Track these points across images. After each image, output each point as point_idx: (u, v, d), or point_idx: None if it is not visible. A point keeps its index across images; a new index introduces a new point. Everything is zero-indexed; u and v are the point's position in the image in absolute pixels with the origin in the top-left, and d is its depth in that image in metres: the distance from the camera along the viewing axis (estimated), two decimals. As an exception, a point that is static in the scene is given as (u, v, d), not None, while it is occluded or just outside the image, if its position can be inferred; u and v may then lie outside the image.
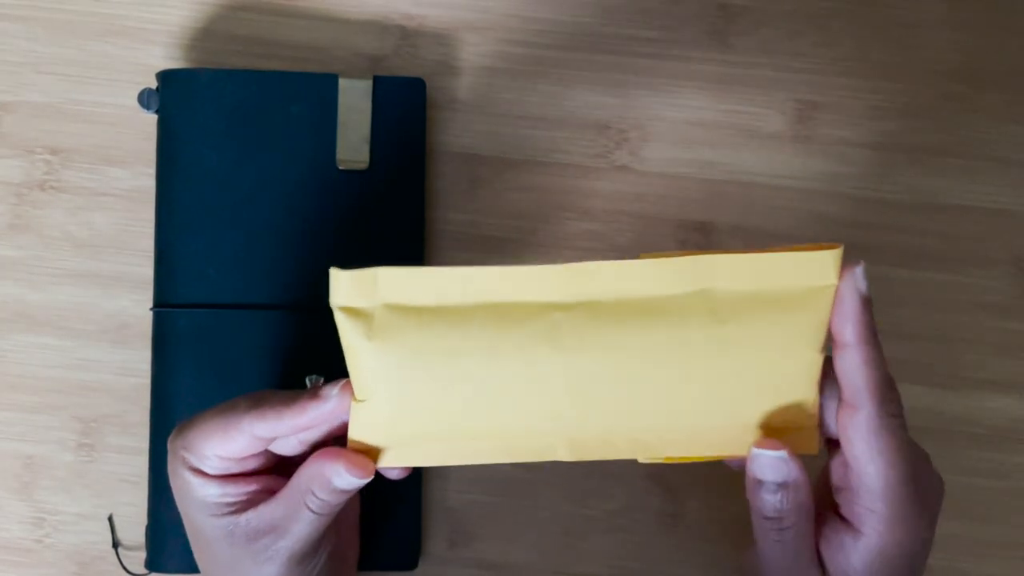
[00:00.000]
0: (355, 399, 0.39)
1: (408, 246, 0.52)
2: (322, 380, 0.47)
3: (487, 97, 0.54)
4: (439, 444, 0.39)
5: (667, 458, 0.40)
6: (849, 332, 0.38)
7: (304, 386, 0.47)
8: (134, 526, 0.52)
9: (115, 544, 0.52)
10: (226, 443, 0.40)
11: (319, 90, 0.52)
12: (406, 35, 0.55)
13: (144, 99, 0.51)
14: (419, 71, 0.54)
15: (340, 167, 0.51)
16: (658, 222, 0.54)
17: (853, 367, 0.38)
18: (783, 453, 0.39)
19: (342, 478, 0.39)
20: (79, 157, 0.54)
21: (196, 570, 0.49)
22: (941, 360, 0.53)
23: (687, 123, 0.54)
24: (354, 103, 0.52)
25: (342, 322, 0.38)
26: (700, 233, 0.54)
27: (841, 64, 0.55)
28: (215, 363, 0.50)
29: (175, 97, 0.51)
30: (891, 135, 0.54)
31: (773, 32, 0.55)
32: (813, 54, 0.55)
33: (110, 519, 0.52)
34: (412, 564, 0.51)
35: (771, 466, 0.39)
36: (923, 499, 0.39)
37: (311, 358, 0.50)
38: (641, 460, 0.40)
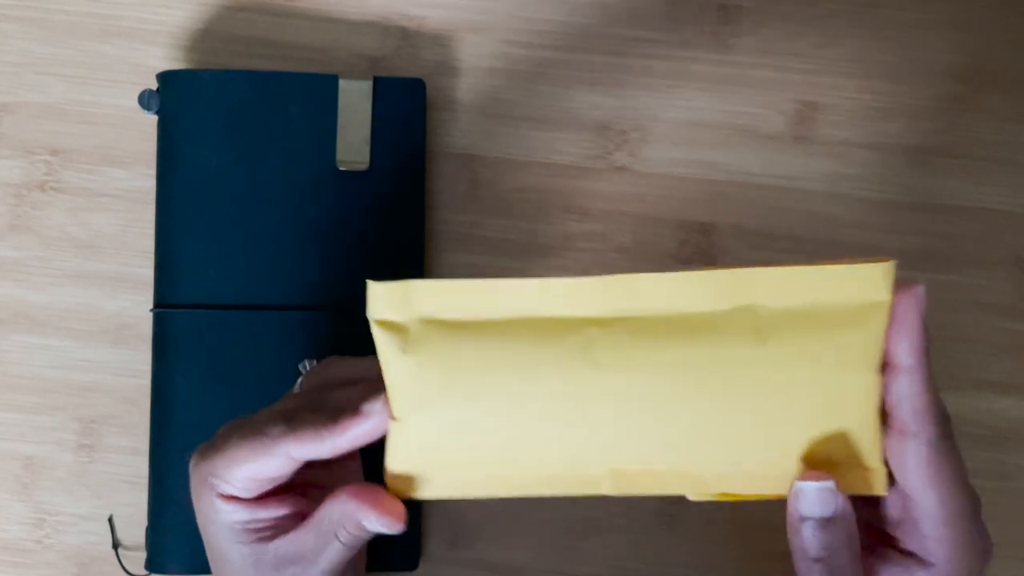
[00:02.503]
0: (392, 417, 0.38)
1: (408, 246, 0.52)
2: (315, 362, 0.45)
3: (487, 97, 0.54)
4: (476, 472, 0.38)
5: (720, 495, 0.37)
6: (909, 354, 0.35)
7: (299, 374, 0.46)
8: (134, 526, 0.52)
9: (115, 545, 0.52)
10: (260, 468, 0.38)
11: (319, 91, 0.52)
12: (406, 36, 0.55)
13: (144, 100, 0.51)
14: (419, 72, 0.54)
15: (340, 168, 0.51)
16: (658, 222, 0.54)
17: (911, 391, 0.36)
18: (830, 483, 0.36)
19: (372, 524, 0.38)
20: (79, 157, 0.54)
21: (195, 571, 0.49)
22: (941, 360, 0.53)
23: (687, 123, 0.54)
24: (354, 104, 0.52)
25: (379, 336, 0.37)
26: (700, 233, 0.54)
27: (841, 64, 0.55)
28: (215, 363, 0.50)
29: (175, 98, 0.51)
30: (891, 135, 0.54)
31: (773, 32, 0.55)
32: (813, 54, 0.55)
33: (110, 520, 0.52)
34: (412, 564, 0.51)
35: (818, 500, 0.36)
36: (981, 530, 0.38)
37: (311, 358, 0.50)
38: (692, 498, 0.37)
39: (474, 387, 0.37)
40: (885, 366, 0.36)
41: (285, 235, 0.51)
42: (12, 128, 0.54)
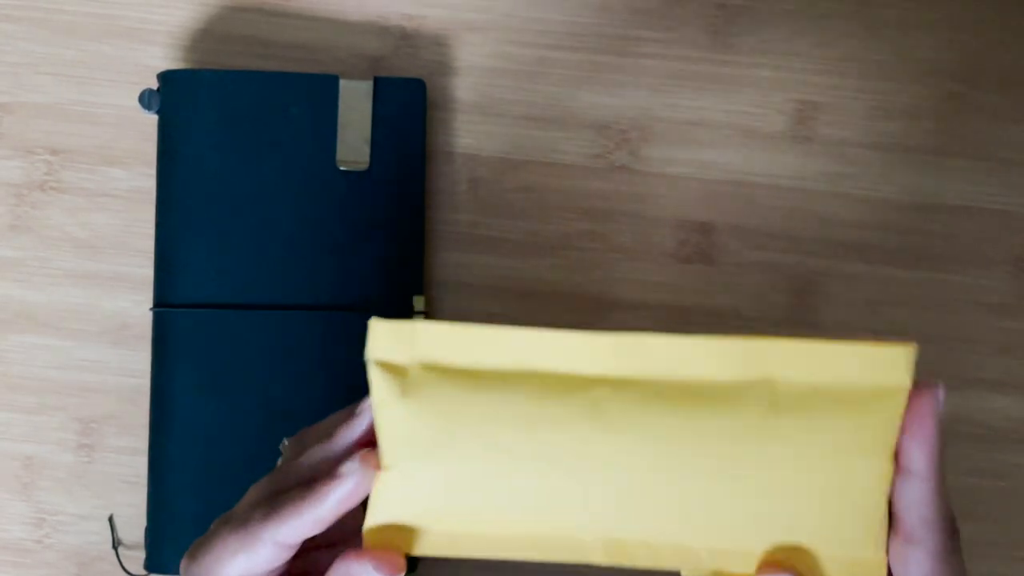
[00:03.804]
0: (380, 467, 0.36)
1: (408, 246, 0.52)
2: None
3: (487, 97, 0.54)
4: (463, 530, 0.36)
5: (714, 574, 0.36)
6: (923, 459, 0.34)
7: (278, 454, 0.43)
8: (134, 526, 0.52)
9: (115, 544, 0.52)
10: (250, 561, 0.36)
11: (319, 91, 0.52)
12: (406, 35, 0.55)
13: (145, 99, 0.51)
14: (419, 71, 0.54)
15: (340, 167, 0.51)
16: (658, 222, 0.54)
17: (922, 498, 0.34)
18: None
19: (371, 575, 0.35)
20: (79, 157, 0.54)
21: (196, 570, 0.49)
22: (941, 360, 0.53)
23: (687, 123, 0.54)
24: (354, 104, 0.52)
25: (376, 377, 0.35)
26: (700, 233, 0.54)
27: (841, 64, 0.55)
28: (215, 363, 0.50)
29: (175, 97, 0.51)
30: (891, 135, 0.54)
31: (773, 32, 0.55)
32: (813, 54, 0.55)
33: (110, 519, 0.52)
34: (412, 565, 0.51)
35: None
36: None
37: (311, 358, 0.50)
38: (685, 575, 0.36)
39: (472, 439, 0.35)
40: (897, 463, 0.35)
41: (285, 235, 0.51)
42: (12, 128, 0.54)
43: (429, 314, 0.53)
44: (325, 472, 0.36)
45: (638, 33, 0.55)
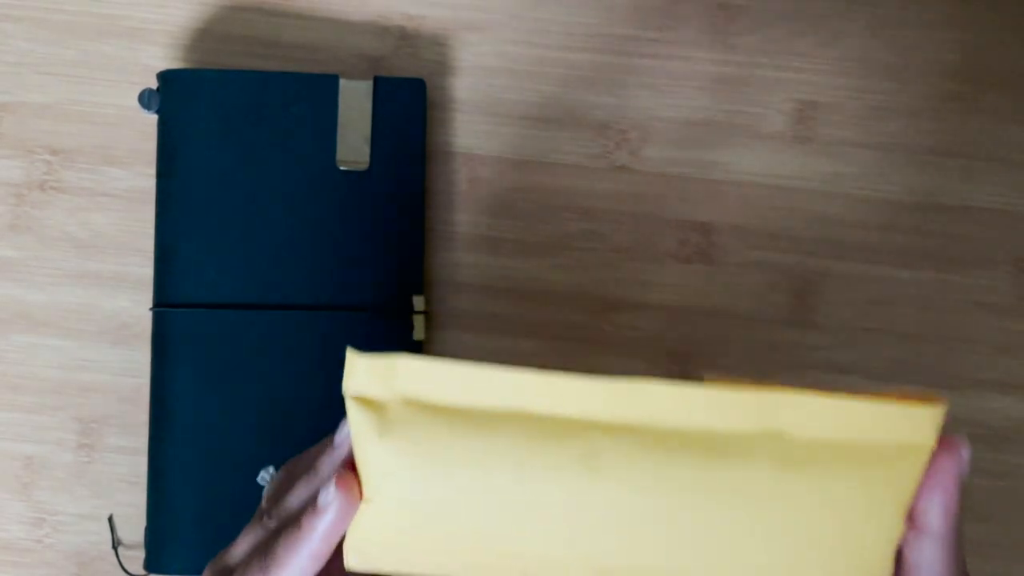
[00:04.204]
0: (362, 498, 0.35)
1: (408, 246, 0.52)
2: (272, 469, 0.42)
3: (487, 97, 0.54)
4: (445, 562, 0.35)
5: None
6: (941, 519, 0.33)
7: (278, 454, 0.43)
8: (134, 526, 0.52)
9: (115, 544, 0.52)
10: None
11: (319, 90, 0.52)
12: (406, 35, 0.55)
13: (145, 99, 0.51)
14: (419, 71, 0.54)
15: (340, 167, 0.51)
16: (658, 222, 0.54)
17: (935, 558, 0.33)
18: None
19: None
20: (79, 157, 0.54)
21: (194, 571, 0.49)
22: (941, 360, 0.53)
23: (687, 123, 0.54)
24: (354, 104, 0.52)
25: (353, 412, 0.34)
26: (700, 233, 0.54)
27: (841, 64, 0.55)
28: (215, 363, 0.50)
29: (175, 97, 0.51)
30: (891, 135, 0.54)
31: (773, 32, 0.55)
32: (813, 54, 0.55)
33: (110, 519, 0.52)
34: None
35: None
36: None
37: (310, 358, 0.50)
38: None
39: (456, 480, 0.33)
40: (913, 520, 0.34)
41: (285, 235, 0.51)
42: (12, 128, 0.54)
43: (429, 313, 0.53)
44: (308, 508, 0.35)
45: (638, 33, 0.55)
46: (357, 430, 0.34)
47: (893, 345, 0.53)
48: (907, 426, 0.32)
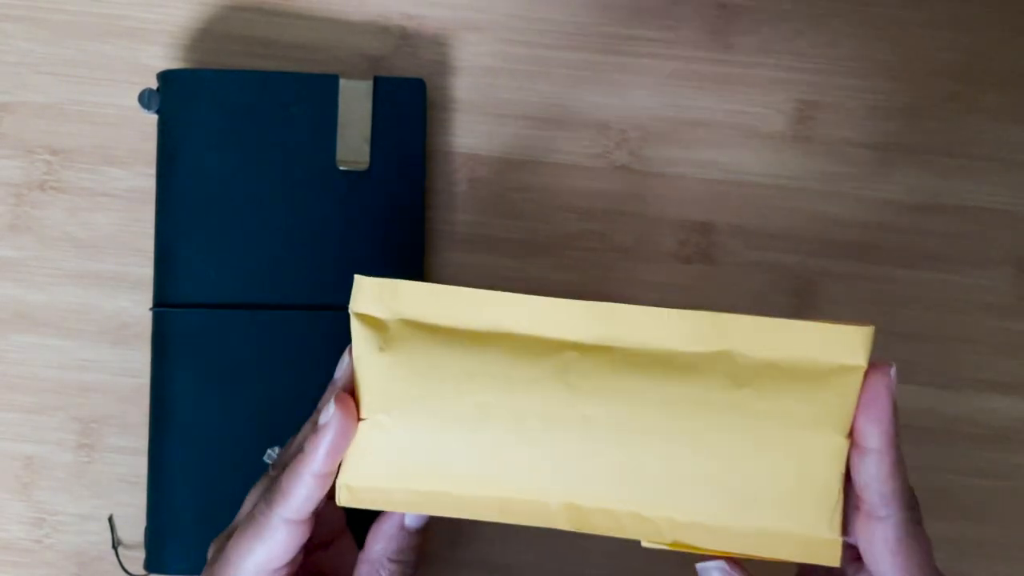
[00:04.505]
0: (359, 417, 0.37)
1: (408, 246, 0.52)
2: (277, 448, 0.44)
3: (487, 97, 0.54)
4: (433, 487, 0.37)
5: (672, 544, 0.37)
6: (878, 436, 0.35)
7: (265, 465, 0.44)
8: (134, 526, 0.52)
9: (115, 544, 0.52)
10: (267, 549, 0.37)
11: (319, 90, 0.52)
12: (406, 35, 0.55)
13: (145, 99, 0.51)
14: (419, 71, 0.54)
15: (340, 167, 0.51)
16: (658, 222, 0.54)
17: (880, 474, 0.35)
18: (722, 563, 0.37)
19: (410, 520, 0.38)
20: (79, 157, 0.54)
21: (194, 571, 0.49)
22: (941, 360, 0.53)
23: (687, 123, 0.54)
24: (354, 103, 0.52)
25: (357, 330, 0.37)
26: (700, 233, 0.54)
27: (841, 64, 0.55)
28: (215, 363, 0.50)
29: (175, 97, 0.51)
30: (891, 135, 0.54)
31: (773, 32, 0.55)
32: (813, 54, 0.55)
33: (110, 519, 0.52)
34: None
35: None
36: None
37: (310, 358, 0.50)
38: (644, 544, 0.37)
39: (446, 394, 0.37)
40: (853, 442, 0.36)
41: (285, 235, 0.51)
42: (12, 128, 0.54)
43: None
44: (312, 431, 0.37)
45: (638, 33, 0.55)
46: (359, 345, 0.37)
47: (893, 345, 0.53)
48: (841, 346, 0.35)
